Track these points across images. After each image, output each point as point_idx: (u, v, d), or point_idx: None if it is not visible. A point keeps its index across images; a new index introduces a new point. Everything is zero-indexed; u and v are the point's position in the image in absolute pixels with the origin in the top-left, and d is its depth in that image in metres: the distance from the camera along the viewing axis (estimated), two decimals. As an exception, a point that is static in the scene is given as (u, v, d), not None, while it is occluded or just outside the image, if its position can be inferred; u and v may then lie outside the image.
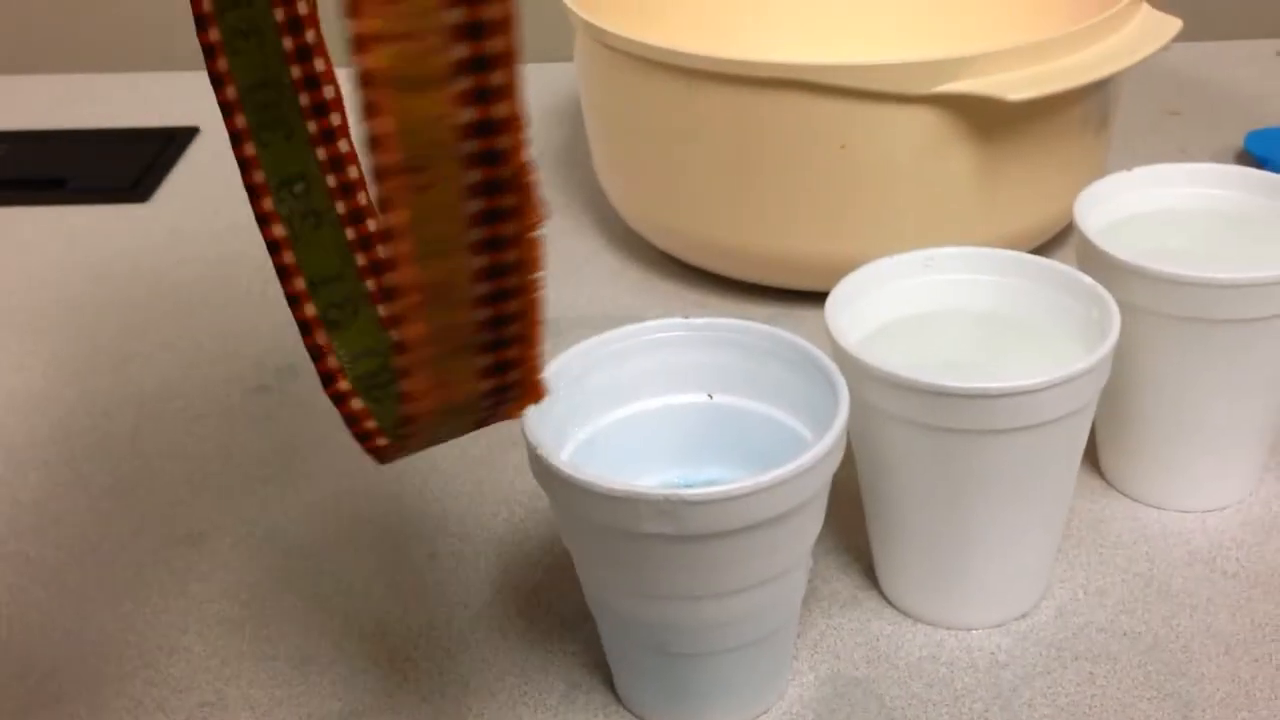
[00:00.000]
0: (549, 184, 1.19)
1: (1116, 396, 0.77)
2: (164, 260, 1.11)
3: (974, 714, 0.68)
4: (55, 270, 1.11)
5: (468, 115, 0.44)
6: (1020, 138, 0.93)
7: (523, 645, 0.73)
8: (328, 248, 0.62)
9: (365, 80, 0.42)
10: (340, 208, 0.62)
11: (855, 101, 0.89)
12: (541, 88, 1.37)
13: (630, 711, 0.69)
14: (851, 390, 0.65)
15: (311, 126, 0.61)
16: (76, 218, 1.19)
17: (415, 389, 0.47)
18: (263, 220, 0.61)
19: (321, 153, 0.61)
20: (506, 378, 0.50)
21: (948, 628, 0.73)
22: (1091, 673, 0.70)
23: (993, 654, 0.71)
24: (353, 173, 0.62)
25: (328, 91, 0.61)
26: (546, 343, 0.53)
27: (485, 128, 0.44)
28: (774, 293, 1.01)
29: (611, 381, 0.70)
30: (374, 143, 0.43)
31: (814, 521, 0.64)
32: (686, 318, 0.70)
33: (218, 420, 0.92)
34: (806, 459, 0.60)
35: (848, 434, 0.66)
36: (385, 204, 0.44)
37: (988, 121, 0.91)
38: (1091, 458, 0.82)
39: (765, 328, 0.69)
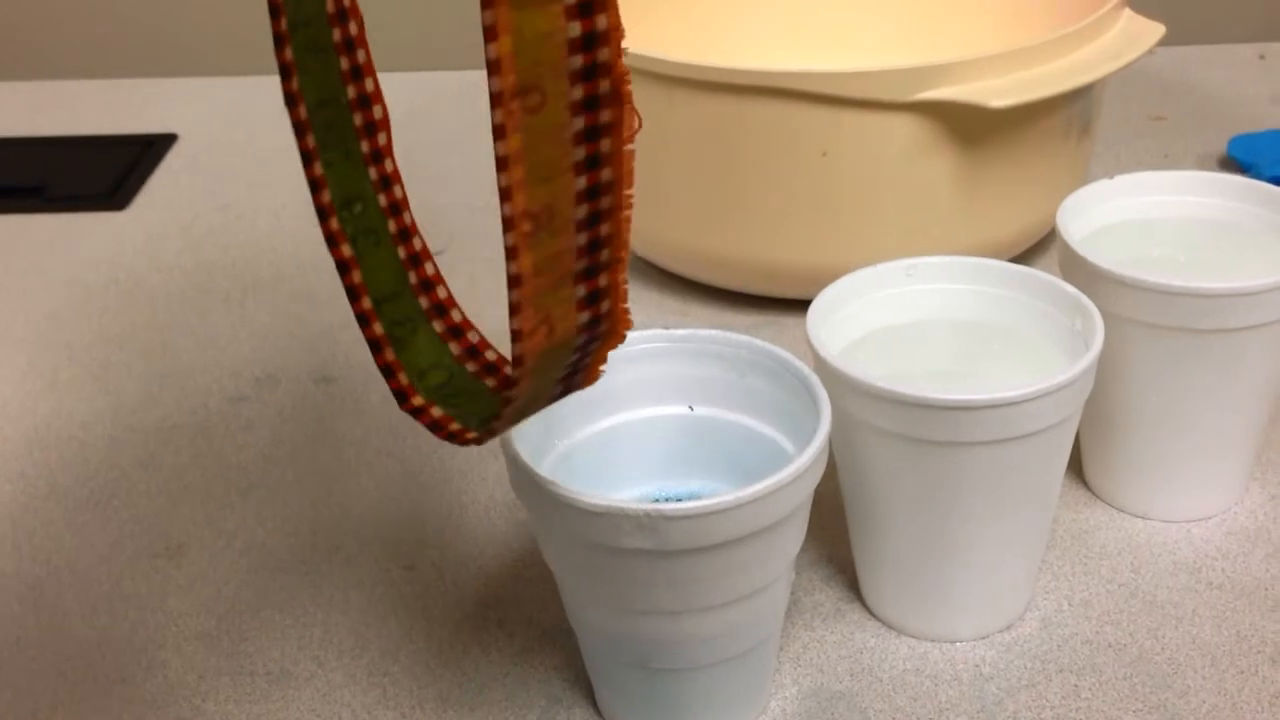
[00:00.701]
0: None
1: (1101, 406, 0.77)
2: (141, 268, 1.10)
3: (958, 728, 0.68)
4: (32, 278, 1.10)
5: (575, 29, 0.47)
6: (1002, 145, 0.93)
7: (503, 659, 0.73)
8: (386, 266, 0.62)
9: (485, 2, 0.45)
10: (391, 226, 0.62)
11: (836, 109, 0.89)
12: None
13: (611, 726, 0.69)
14: (833, 402, 0.65)
15: (364, 146, 0.61)
16: (53, 225, 1.18)
17: (525, 325, 0.49)
18: (331, 240, 0.61)
19: (373, 172, 0.61)
20: (600, 308, 0.52)
21: (932, 640, 0.73)
22: (1076, 685, 0.69)
23: (977, 666, 0.71)
24: (398, 192, 0.62)
25: (376, 111, 0.61)
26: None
27: (590, 41, 0.47)
28: (756, 300, 1.00)
29: (592, 393, 0.69)
30: (492, 67, 0.46)
31: (796, 535, 0.64)
32: (667, 329, 0.70)
33: (195, 431, 0.91)
34: (787, 473, 0.59)
35: (830, 445, 0.66)
36: (499, 131, 0.47)
37: (969, 128, 0.91)
38: (1076, 468, 0.82)
39: (746, 339, 0.69)
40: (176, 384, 0.96)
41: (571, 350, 0.53)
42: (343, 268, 0.61)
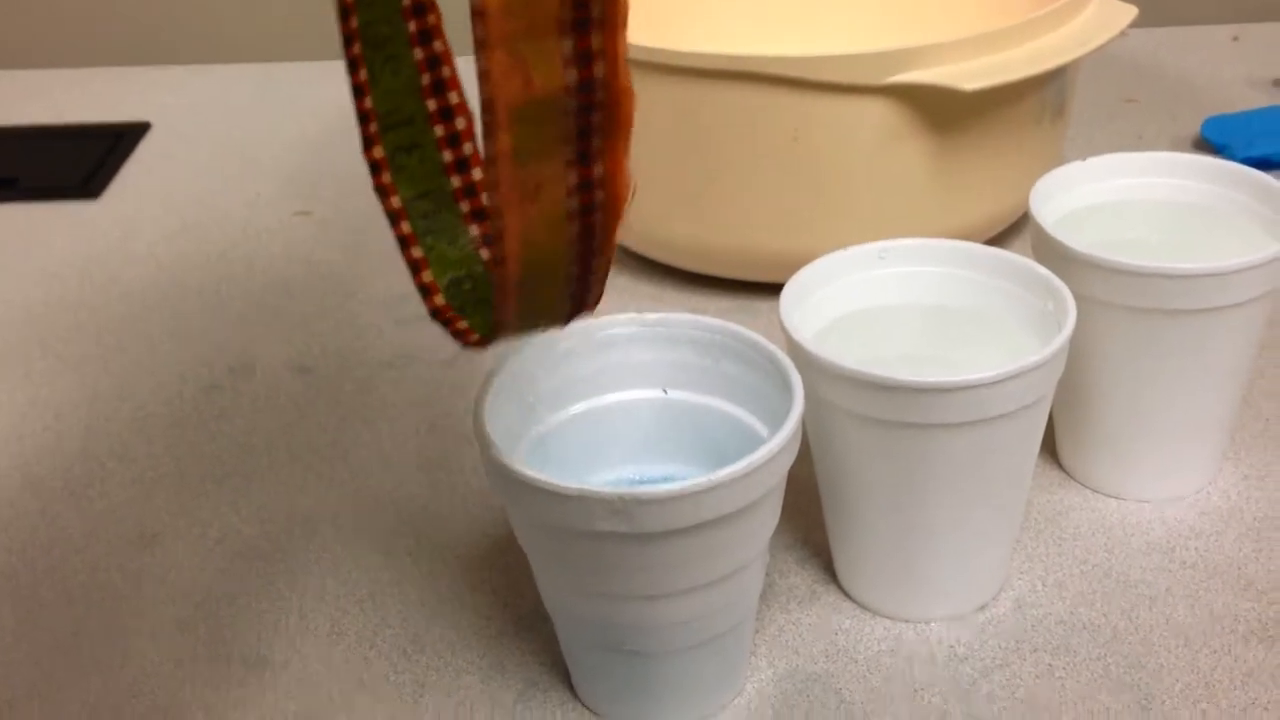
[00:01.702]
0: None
1: (1074, 388, 0.77)
2: (115, 259, 1.10)
3: (932, 707, 0.68)
4: (5, 270, 1.10)
5: None
6: (975, 128, 0.93)
7: (479, 644, 0.73)
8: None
9: None
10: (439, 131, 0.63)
11: (807, 93, 0.89)
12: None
13: (588, 709, 0.69)
14: (806, 385, 0.65)
15: (412, 25, 0.62)
16: (27, 216, 1.18)
17: (493, 66, 0.46)
18: (368, 142, 0.64)
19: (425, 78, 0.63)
20: (593, 70, 0.48)
21: (906, 621, 0.73)
22: (1050, 665, 0.70)
23: (951, 647, 0.71)
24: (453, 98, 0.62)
25: (459, 122, 0.62)
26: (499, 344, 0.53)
27: None
28: (729, 285, 1.00)
29: (566, 379, 0.70)
30: None
31: (770, 518, 0.64)
32: (640, 314, 0.70)
33: (170, 421, 0.91)
34: (760, 456, 0.59)
35: (804, 429, 0.66)
36: None
37: (942, 112, 0.91)
38: (1050, 449, 0.82)
39: (720, 323, 0.69)
40: (151, 374, 0.96)
41: (563, 112, 0.49)
42: (374, 167, 0.63)
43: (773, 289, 0.73)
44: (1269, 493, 0.80)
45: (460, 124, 0.63)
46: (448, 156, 0.63)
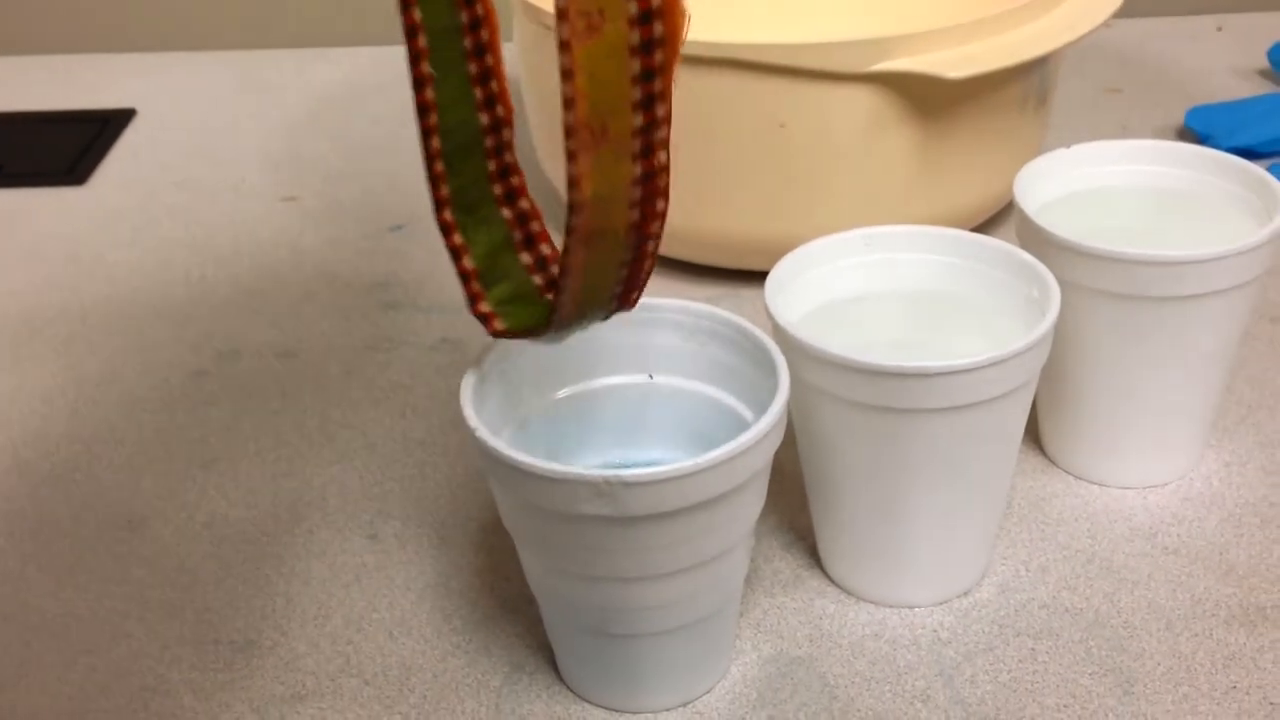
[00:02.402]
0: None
1: (1058, 374, 0.77)
2: (101, 244, 1.10)
3: (916, 691, 0.68)
4: (-8, 255, 1.10)
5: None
6: (959, 116, 0.93)
7: (466, 627, 0.73)
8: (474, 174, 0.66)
9: None
10: (488, 142, 0.65)
11: (793, 81, 0.89)
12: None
13: (573, 692, 0.69)
14: (792, 370, 0.65)
15: (472, 68, 0.63)
16: (13, 202, 1.18)
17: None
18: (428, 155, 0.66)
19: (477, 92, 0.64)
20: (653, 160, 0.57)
21: (890, 606, 0.73)
22: (1033, 649, 0.70)
23: (935, 631, 0.72)
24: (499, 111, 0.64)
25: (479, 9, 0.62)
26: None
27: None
28: (715, 273, 1.01)
29: (551, 363, 0.70)
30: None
31: (755, 502, 0.64)
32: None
33: (157, 405, 0.91)
34: (745, 439, 0.60)
35: (789, 414, 0.66)
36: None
37: (926, 100, 0.91)
38: (1033, 435, 0.83)
39: (705, 308, 0.69)
40: (137, 359, 0.96)
41: (631, 184, 0.57)
42: (434, 180, 0.65)
43: (759, 276, 0.73)
44: (1250, 479, 0.80)
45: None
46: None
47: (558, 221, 0.55)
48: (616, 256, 0.58)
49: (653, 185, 0.59)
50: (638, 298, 0.61)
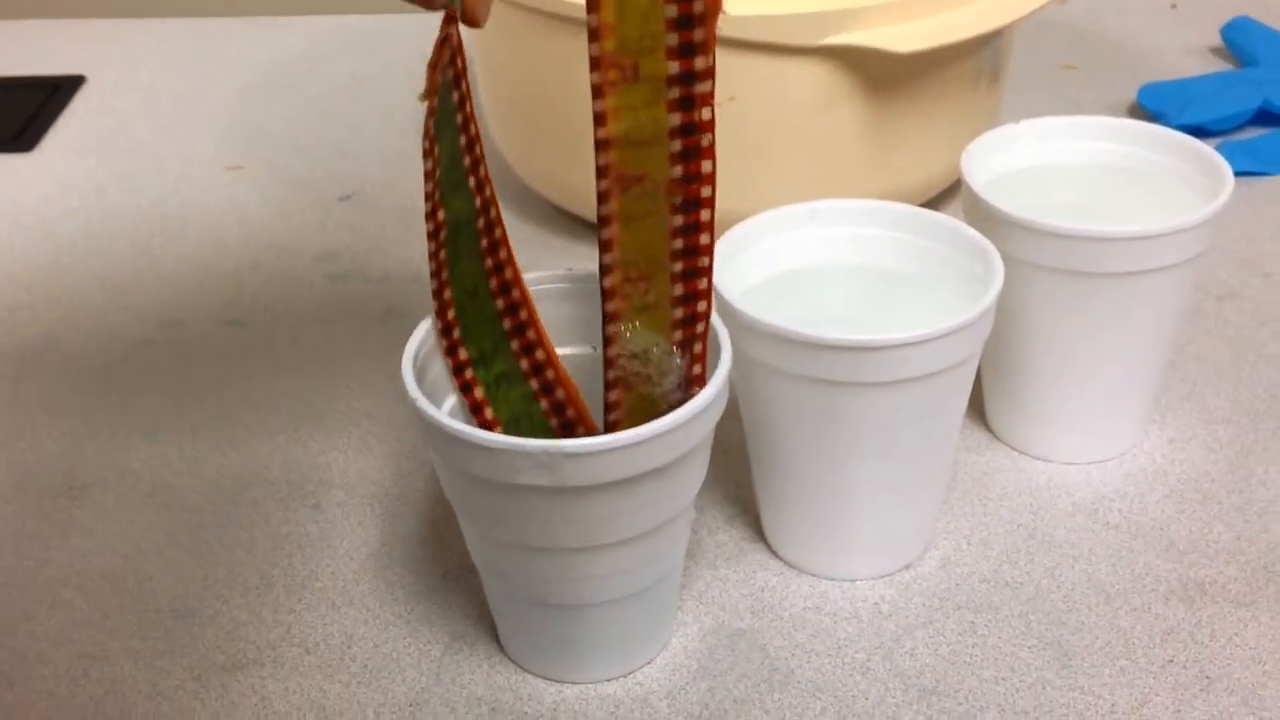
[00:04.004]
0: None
1: (1002, 350, 0.78)
2: (48, 211, 1.09)
3: (856, 663, 0.68)
4: (-62, 221, 1.10)
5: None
6: (910, 91, 0.93)
7: (407, 598, 0.73)
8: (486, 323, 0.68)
9: None
10: (499, 303, 0.68)
11: (744, 53, 0.89)
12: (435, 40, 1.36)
13: (514, 663, 0.69)
14: (735, 344, 0.65)
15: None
16: (-40, 168, 1.17)
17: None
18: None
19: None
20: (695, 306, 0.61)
21: (832, 579, 0.73)
22: (973, 622, 0.70)
23: (876, 604, 0.72)
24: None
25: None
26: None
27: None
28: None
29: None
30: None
31: (696, 474, 0.64)
32: (570, 270, 0.70)
33: (101, 373, 0.91)
34: (686, 411, 0.60)
35: (733, 388, 0.66)
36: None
37: (877, 74, 0.91)
38: (978, 411, 0.83)
39: (649, 279, 0.69)
40: (82, 327, 0.95)
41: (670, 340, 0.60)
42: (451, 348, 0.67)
43: (705, 249, 0.73)
44: (1193, 456, 0.81)
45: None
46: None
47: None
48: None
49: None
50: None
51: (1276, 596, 0.72)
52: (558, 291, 0.70)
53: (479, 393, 0.67)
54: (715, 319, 0.66)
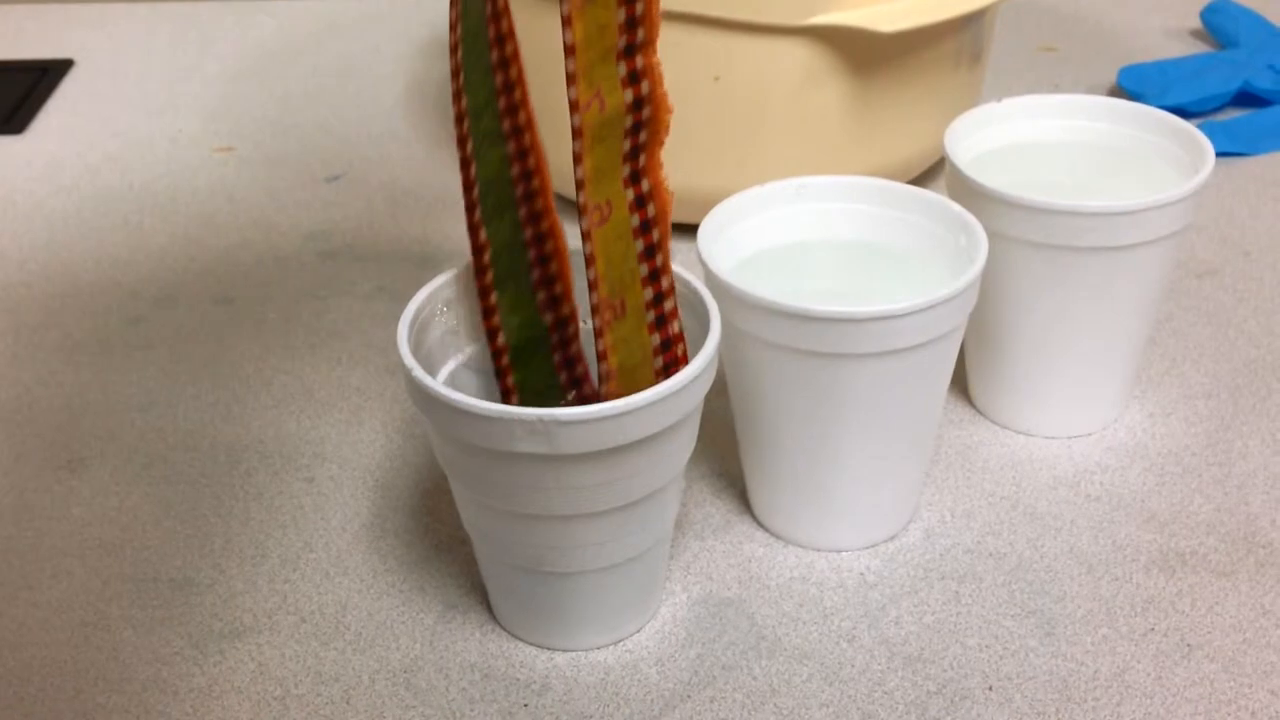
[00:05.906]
0: (424, 120, 1.19)
1: (985, 325, 0.79)
2: (40, 192, 1.10)
3: (842, 632, 0.70)
4: (-70, 201, 1.10)
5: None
6: (894, 70, 0.94)
7: (400, 567, 0.74)
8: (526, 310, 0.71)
9: None
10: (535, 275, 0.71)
11: (729, 33, 0.90)
12: (421, 21, 1.37)
13: (506, 630, 0.70)
14: (723, 316, 0.66)
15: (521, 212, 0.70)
16: (-49, 149, 1.18)
17: (580, 96, 0.61)
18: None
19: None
20: (640, 88, 0.63)
21: (818, 550, 0.74)
22: (957, 592, 0.72)
23: (861, 574, 0.73)
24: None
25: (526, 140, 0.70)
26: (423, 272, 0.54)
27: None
28: (651, 224, 1.01)
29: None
30: None
31: (686, 443, 0.65)
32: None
33: (96, 350, 0.91)
34: (677, 381, 0.61)
35: (721, 361, 0.67)
36: None
37: (861, 54, 0.92)
38: (961, 386, 0.84)
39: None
40: (76, 304, 0.96)
41: (624, 130, 0.62)
42: (487, 312, 0.69)
43: (691, 230, 0.74)
44: (1174, 430, 0.82)
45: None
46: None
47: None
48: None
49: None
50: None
51: (1255, 567, 0.73)
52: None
53: (501, 338, 0.69)
54: (704, 290, 0.67)
